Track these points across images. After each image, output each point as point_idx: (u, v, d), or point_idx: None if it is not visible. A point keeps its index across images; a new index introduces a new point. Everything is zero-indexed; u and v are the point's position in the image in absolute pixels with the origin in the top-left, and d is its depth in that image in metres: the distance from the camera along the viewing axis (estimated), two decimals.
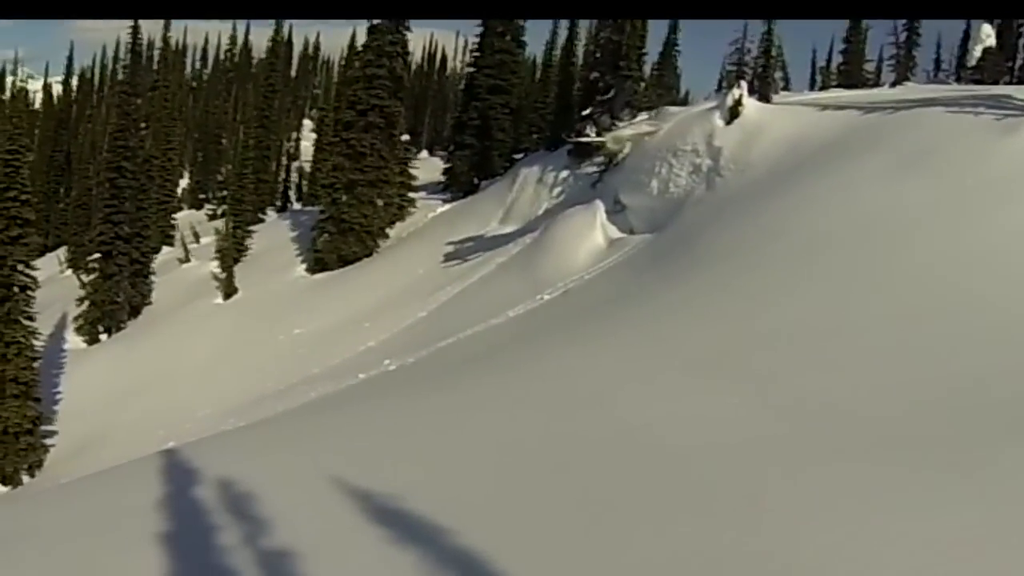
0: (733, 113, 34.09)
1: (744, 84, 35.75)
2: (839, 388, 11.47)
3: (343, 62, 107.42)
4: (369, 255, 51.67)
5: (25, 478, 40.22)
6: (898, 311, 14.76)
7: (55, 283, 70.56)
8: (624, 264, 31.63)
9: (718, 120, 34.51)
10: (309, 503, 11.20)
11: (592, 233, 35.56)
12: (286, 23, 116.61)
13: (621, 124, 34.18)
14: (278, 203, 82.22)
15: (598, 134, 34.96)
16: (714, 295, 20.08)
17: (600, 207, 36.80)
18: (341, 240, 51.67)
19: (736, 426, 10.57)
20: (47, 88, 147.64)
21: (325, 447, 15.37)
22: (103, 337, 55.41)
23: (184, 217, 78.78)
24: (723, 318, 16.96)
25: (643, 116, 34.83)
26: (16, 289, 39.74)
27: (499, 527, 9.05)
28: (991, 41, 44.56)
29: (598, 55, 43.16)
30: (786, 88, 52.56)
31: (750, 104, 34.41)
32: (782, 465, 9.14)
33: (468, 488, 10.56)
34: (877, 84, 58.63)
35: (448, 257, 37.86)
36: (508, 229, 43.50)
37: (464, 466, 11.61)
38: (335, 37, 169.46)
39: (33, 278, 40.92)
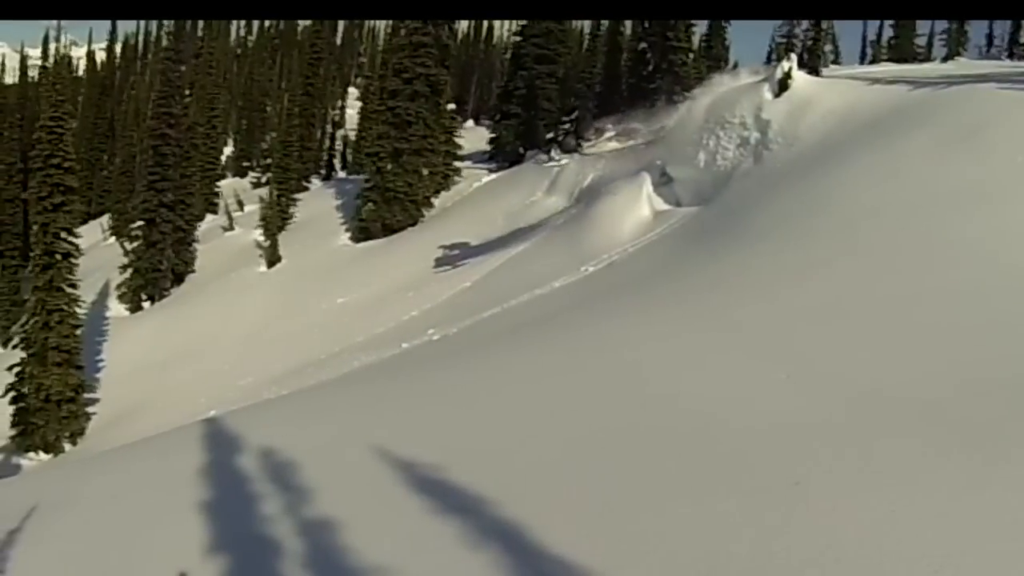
0: (782, 86, 33.91)
1: (794, 57, 35.54)
2: (884, 366, 11.32)
3: (389, 30, 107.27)
4: (414, 224, 51.67)
5: (67, 446, 40.43)
6: (946, 288, 14.58)
7: (98, 251, 71.05)
8: (669, 237, 31.49)
9: (767, 93, 34.32)
10: (351, 473, 11.17)
11: (638, 205, 35.40)
12: None
13: (587, 144, 33.95)
14: (323, 171, 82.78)
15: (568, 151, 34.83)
16: (759, 269, 19.92)
17: (647, 179, 36.62)
18: (386, 209, 51.67)
19: (778, 403, 10.44)
20: (91, 55, 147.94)
21: (367, 417, 15.34)
22: (146, 305, 55.80)
23: (228, 185, 78.98)
24: (768, 293, 16.81)
25: (609, 133, 34.59)
26: (59, 256, 39.88)
27: (539, 499, 8.98)
28: None
29: (646, 25, 42.90)
30: (836, 62, 52.47)
31: (799, 77, 34.23)
32: (824, 443, 9.01)
33: (509, 459, 10.50)
34: (928, 59, 58.29)
35: (438, 262, 37.71)
36: (553, 199, 43.40)
37: (505, 437, 11.55)
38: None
39: (76, 245, 41.06)
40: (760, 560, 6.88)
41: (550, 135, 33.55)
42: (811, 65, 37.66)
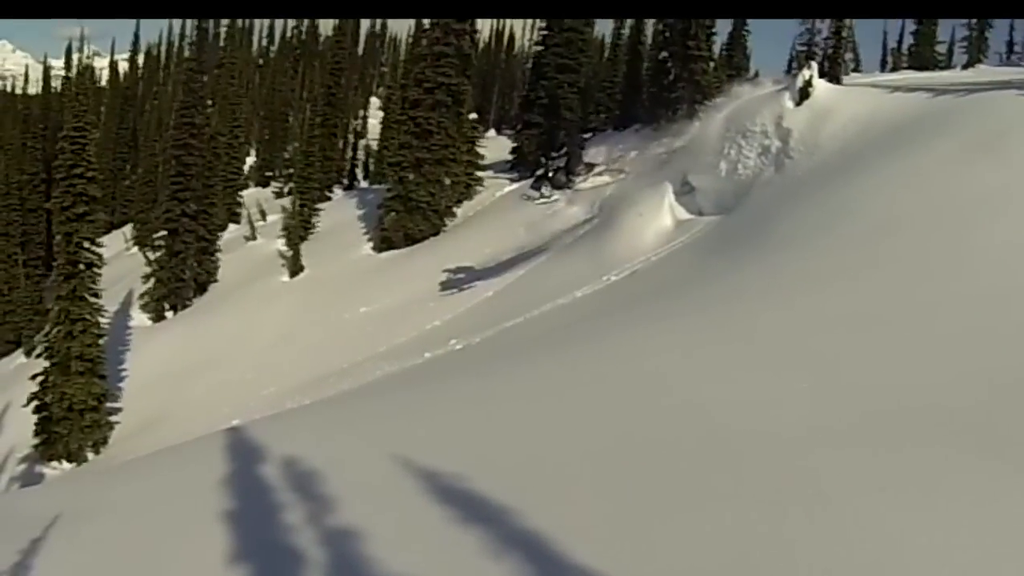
0: (803, 94, 33.99)
1: (814, 65, 35.51)
2: (908, 374, 11.27)
3: (410, 40, 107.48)
4: (436, 234, 51.76)
5: (90, 455, 40.62)
6: (970, 296, 14.52)
7: (121, 260, 71.29)
8: (691, 246, 31.56)
9: (788, 101, 34.39)
10: (373, 482, 11.18)
11: (660, 214, 35.49)
12: None
13: (578, 180, 33.94)
14: (345, 181, 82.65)
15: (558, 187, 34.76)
16: (782, 278, 19.91)
17: (668, 188, 36.66)
18: (408, 218, 51.77)
19: (801, 412, 10.41)
20: (113, 65, 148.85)
21: (390, 426, 15.37)
22: (169, 314, 56.05)
23: (251, 195, 79.06)
24: (790, 302, 16.78)
25: (600, 167, 34.59)
26: (82, 266, 40.05)
27: (561, 509, 8.97)
28: None
29: (667, 35, 42.92)
30: (856, 69, 52.40)
31: (820, 85, 34.27)
32: (847, 452, 8.99)
33: (532, 469, 10.50)
34: (949, 66, 58.18)
35: (443, 286, 37.73)
36: (575, 209, 43.42)
37: (528, 447, 11.55)
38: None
39: (99, 255, 41.21)
40: (782, 570, 6.88)
41: (539, 172, 33.50)
42: (832, 73, 37.62)
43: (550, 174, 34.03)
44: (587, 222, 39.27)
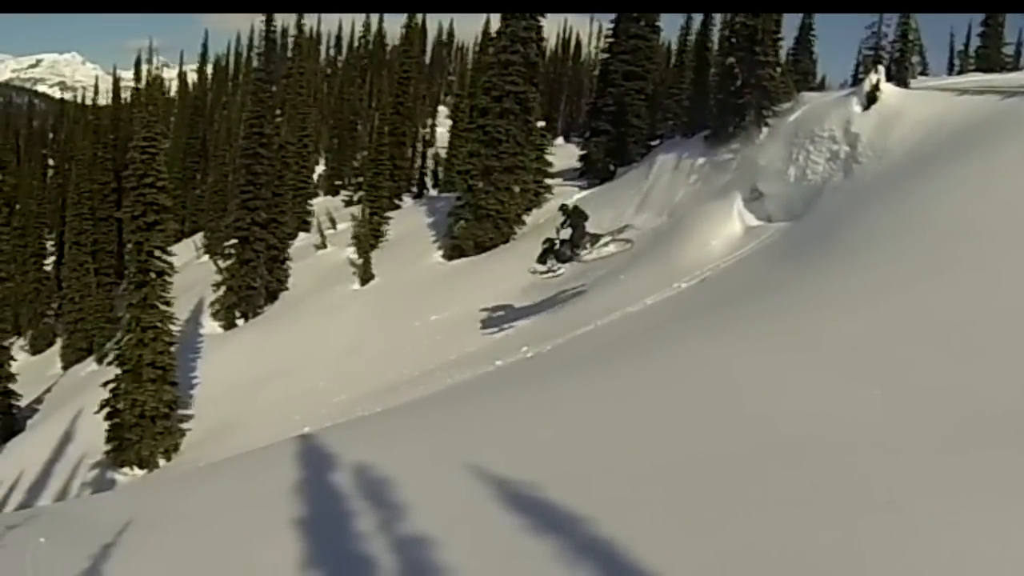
0: (871, 98, 33.77)
1: (881, 69, 35.28)
2: (980, 381, 11.13)
3: (477, 48, 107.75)
4: (506, 241, 51.77)
5: (161, 461, 40.88)
6: None
7: (192, 269, 71.86)
8: (761, 252, 31.42)
9: (855, 106, 34.19)
10: (445, 490, 11.19)
11: (729, 221, 35.40)
12: None
13: (583, 252, 33.72)
14: (414, 189, 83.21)
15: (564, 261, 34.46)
16: (852, 284, 19.73)
17: (737, 195, 36.56)
18: (478, 226, 51.82)
19: (873, 420, 10.34)
20: (182, 76, 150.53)
21: (461, 434, 15.38)
22: (240, 322, 56.29)
23: (320, 203, 79.43)
24: (861, 308, 16.61)
25: (606, 239, 34.36)
26: (153, 275, 40.33)
27: (635, 518, 8.95)
28: None
29: (733, 40, 42.69)
30: (923, 73, 51.88)
31: (887, 89, 34.03)
32: (920, 460, 8.93)
33: (605, 477, 10.48)
34: (1016, 68, 57.74)
35: (484, 324, 37.52)
36: (645, 216, 43.33)
37: (601, 455, 11.52)
38: (469, 24, 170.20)
39: (170, 264, 41.52)
40: None
41: (546, 245, 33.43)
42: (899, 77, 37.43)
43: (556, 247, 33.77)
44: (550, 309, 38.79)
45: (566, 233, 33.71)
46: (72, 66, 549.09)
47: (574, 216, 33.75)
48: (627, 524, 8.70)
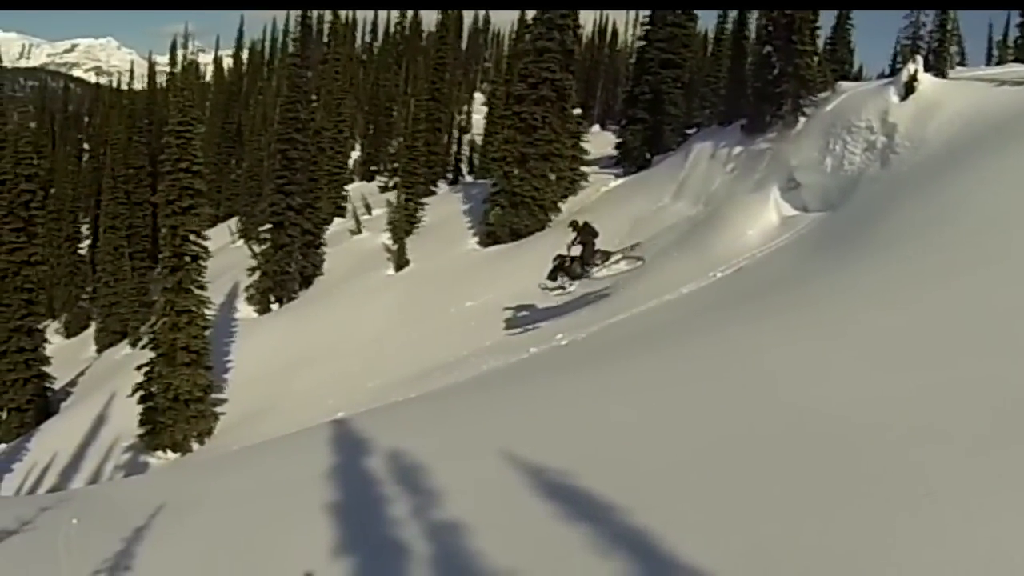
0: (908, 88, 33.57)
1: (920, 59, 35.06)
2: (1021, 373, 11.02)
3: (513, 35, 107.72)
4: (541, 229, 51.79)
5: (195, 445, 41.02)
6: None
7: (227, 253, 71.97)
8: (797, 243, 31.30)
9: (893, 96, 34.00)
10: (479, 477, 11.15)
11: (765, 210, 35.33)
12: None
13: (594, 270, 33.48)
14: (449, 175, 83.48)
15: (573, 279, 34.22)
16: (889, 275, 19.57)
17: (774, 184, 36.43)
18: (513, 213, 51.80)
19: (910, 411, 10.18)
20: (217, 61, 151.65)
21: (496, 421, 15.33)
22: (274, 307, 56.49)
23: (355, 189, 79.59)
24: (899, 299, 16.45)
25: (617, 256, 34.13)
26: (188, 259, 40.43)
27: (670, 507, 8.91)
28: None
29: (771, 29, 42.46)
30: (962, 63, 51.68)
31: (925, 79, 33.82)
32: (957, 452, 8.79)
33: (639, 466, 10.41)
34: None
35: (508, 324, 37.28)
36: (681, 204, 43.25)
37: (635, 443, 11.47)
38: (505, 10, 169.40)
39: (205, 248, 41.57)
40: (891, 570, 6.75)
41: (557, 262, 33.23)
42: (937, 67, 37.18)
43: (567, 264, 33.56)
44: (577, 310, 38.61)
45: (577, 250, 33.56)
46: (107, 51, 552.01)
47: (584, 232, 33.60)
48: (661, 513, 8.66)
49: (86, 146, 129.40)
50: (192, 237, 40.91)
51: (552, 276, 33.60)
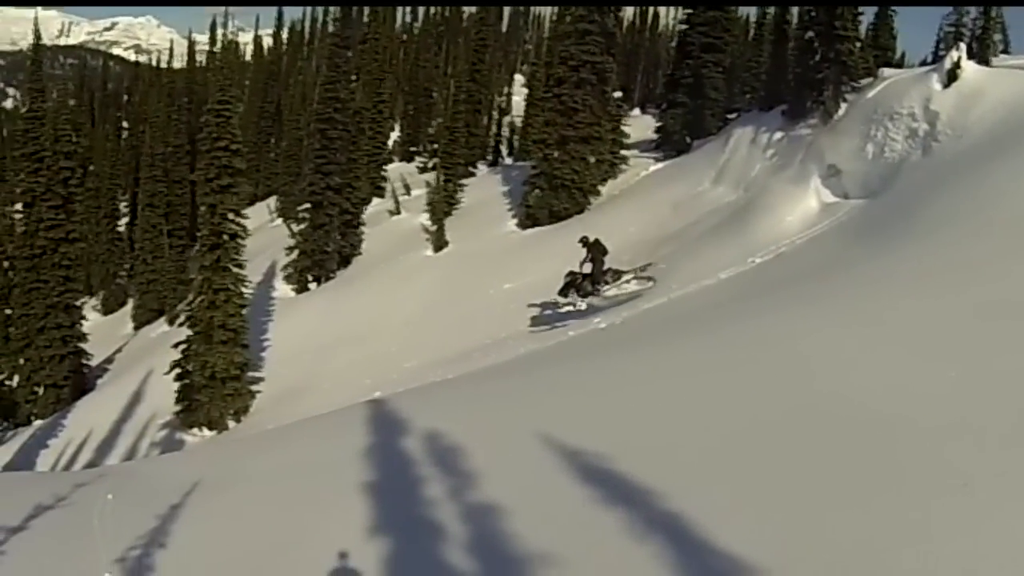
0: (951, 76, 33.30)
1: (963, 46, 34.82)
2: None
3: (554, 17, 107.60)
4: (580, 212, 51.54)
5: (231, 423, 41.05)
6: None
7: (265, 232, 72.18)
8: (837, 230, 31.17)
9: (935, 83, 33.73)
10: (515, 459, 11.15)
11: (806, 197, 35.16)
12: None
13: (604, 288, 33.31)
14: (489, 157, 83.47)
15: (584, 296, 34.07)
16: (930, 264, 19.49)
17: (814, 170, 36.27)
18: (552, 196, 51.64)
19: (947, 402, 10.16)
20: (257, 40, 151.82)
21: (532, 404, 15.33)
22: (312, 286, 56.49)
23: (395, 169, 79.38)
24: (939, 288, 16.35)
25: (628, 276, 33.93)
26: (226, 237, 40.37)
27: (705, 493, 8.94)
28: None
29: (813, 14, 42.24)
30: (1005, 51, 51.31)
31: (968, 67, 33.56)
32: (995, 444, 8.78)
33: (675, 451, 10.42)
34: None
35: (534, 321, 37.06)
36: (720, 189, 43.12)
37: (672, 428, 11.46)
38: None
39: (243, 227, 41.51)
40: (928, 565, 6.75)
41: (568, 279, 33.09)
42: (980, 55, 36.95)
43: (578, 281, 33.44)
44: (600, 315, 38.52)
45: (589, 267, 33.50)
46: (147, 29, 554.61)
47: (593, 249, 33.51)
48: (697, 499, 8.71)
49: (125, 124, 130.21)
50: (230, 215, 40.90)
51: (563, 292, 33.57)
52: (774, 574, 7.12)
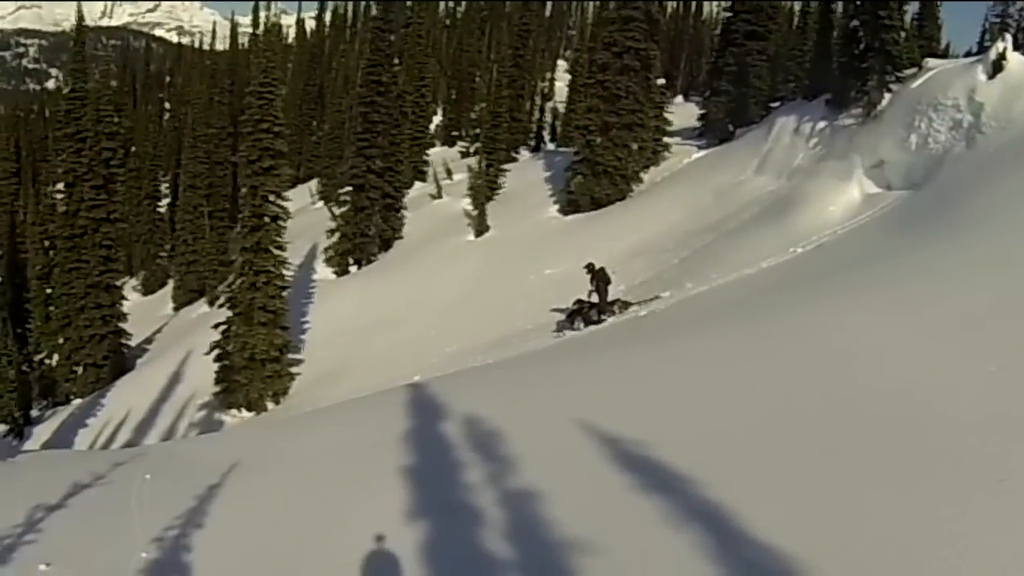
0: (996, 67, 33.04)
1: (1009, 37, 34.53)
2: None
3: (598, 3, 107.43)
4: (622, 198, 51.49)
5: (270, 404, 41.22)
6: None
7: (306, 214, 72.28)
8: (879, 221, 30.96)
9: (980, 74, 33.47)
10: (554, 445, 11.14)
11: (849, 187, 34.94)
12: None
13: (609, 317, 33.12)
14: (531, 143, 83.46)
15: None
16: (973, 257, 19.35)
17: (858, 160, 36.04)
18: (595, 182, 51.57)
19: (988, 396, 10.13)
20: (300, 23, 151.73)
21: (572, 390, 15.31)
22: (352, 269, 56.64)
23: (437, 153, 79.47)
24: (981, 282, 16.24)
25: (635, 307, 33.71)
26: (267, 219, 40.54)
27: (744, 483, 8.95)
28: None
29: (858, 3, 41.96)
30: None
31: (1014, 58, 33.29)
32: None
33: (715, 440, 10.42)
34: None
35: (559, 327, 36.86)
36: (763, 178, 42.92)
37: (711, 416, 11.46)
38: None
39: (284, 209, 41.67)
40: (966, 561, 6.75)
41: (575, 307, 32.93)
42: None
43: (584, 309, 33.32)
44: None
45: (594, 297, 33.39)
46: (190, 11, 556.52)
47: (598, 278, 33.36)
48: (735, 489, 8.71)
49: (167, 105, 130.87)
50: (272, 198, 41.04)
51: (570, 319, 33.42)
52: (807, 566, 7.10)
